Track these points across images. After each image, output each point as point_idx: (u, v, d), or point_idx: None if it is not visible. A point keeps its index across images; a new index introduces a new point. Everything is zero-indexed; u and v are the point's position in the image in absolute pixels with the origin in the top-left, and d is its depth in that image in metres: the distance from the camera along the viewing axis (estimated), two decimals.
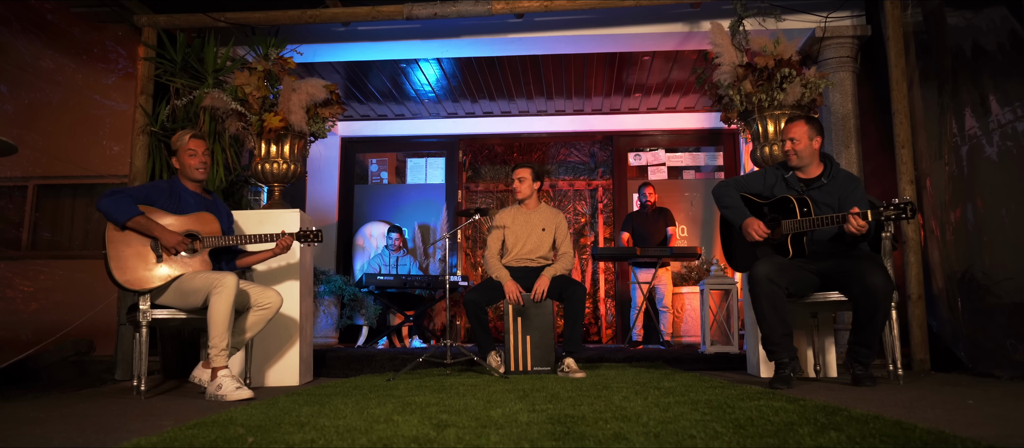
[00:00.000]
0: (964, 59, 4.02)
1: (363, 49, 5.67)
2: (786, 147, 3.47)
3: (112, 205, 3.29)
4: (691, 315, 7.03)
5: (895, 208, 2.92)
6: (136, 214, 3.32)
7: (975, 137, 3.86)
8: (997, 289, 3.71)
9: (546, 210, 4.54)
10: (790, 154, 3.46)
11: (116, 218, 3.29)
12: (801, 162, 3.45)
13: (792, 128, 3.47)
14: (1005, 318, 3.61)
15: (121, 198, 3.31)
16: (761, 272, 3.22)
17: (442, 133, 7.99)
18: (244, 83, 4.19)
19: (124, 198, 3.32)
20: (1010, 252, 3.62)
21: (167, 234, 3.34)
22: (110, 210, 3.29)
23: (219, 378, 3.18)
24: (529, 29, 5.36)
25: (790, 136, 3.45)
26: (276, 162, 4.29)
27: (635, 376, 3.76)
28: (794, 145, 3.43)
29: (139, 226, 3.33)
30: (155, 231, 3.34)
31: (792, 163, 3.47)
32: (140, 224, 3.32)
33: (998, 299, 3.69)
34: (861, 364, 3.19)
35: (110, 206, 3.29)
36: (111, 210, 3.29)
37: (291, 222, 4.14)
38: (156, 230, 3.34)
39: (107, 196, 3.31)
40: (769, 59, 4.05)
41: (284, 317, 4.05)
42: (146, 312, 3.38)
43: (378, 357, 4.83)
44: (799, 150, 3.43)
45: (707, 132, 7.82)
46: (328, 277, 6.82)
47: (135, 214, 3.31)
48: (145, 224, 3.33)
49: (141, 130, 4.81)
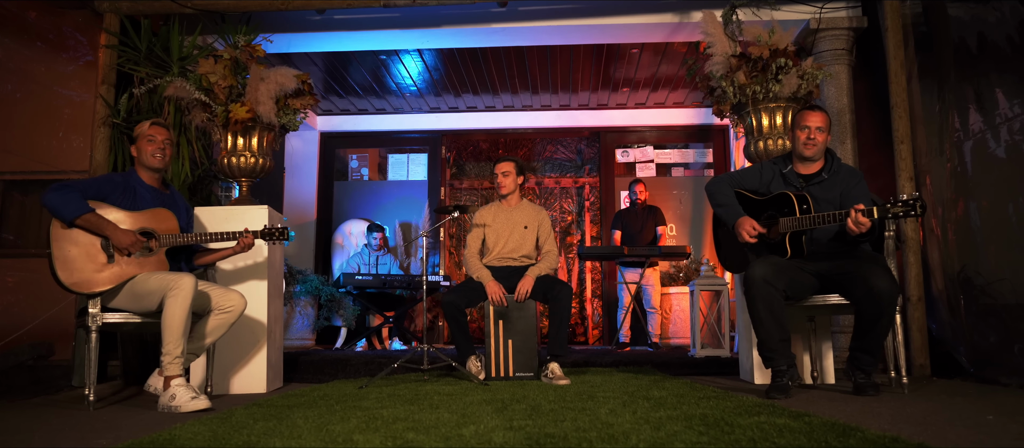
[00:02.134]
0: (968, 52, 3.84)
1: (341, 39, 5.41)
2: (807, 136, 3.17)
3: (58, 200, 3.01)
4: (680, 316, 6.84)
5: (903, 205, 2.71)
6: (85, 211, 3.05)
7: (980, 132, 3.67)
8: (1000, 289, 3.53)
9: (529, 207, 4.33)
10: (808, 145, 3.18)
11: (62, 215, 3.02)
12: (817, 154, 3.20)
13: (812, 116, 3.19)
14: (1011, 321, 3.43)
15: (69, 193, 3.04)
16: (757, 274, 3.01)
17: (424, 128, 7.74)
18: (209, 72, 3.94)
19: (72, 193, 3.05)
20: (1016, 251, 3.44)
21: (119, 233, 3.09)
22: (56, 206, 3.01)
23: (173, 387, 2.94)
24: (513, 18, 5.13)
25: (816, 125, 3.17)
26: (243, 155, 4.04)
27: (623, 383, 3.55)
28: (818, 134, 3.16)
29: (88, 224, 3.06)
30: (106, 230, 3.08)
31: (807, 154, 3.20)
32: (89, 222, 3.06)
33: (1001, 300, 3.51)
34: (863, 372, 2.99)
35: (56, 201, 3.01)
36: (57, 206, 3.01)
37: (258, 219, 3.89)
38: (107, 228, 3.08)
39: (54, 190, 3.03)
40: (764, 49, 3.85)
41: (251, 320, 3.81)
42: (96, 316, 3.13)
43: (353, 361, 4.59)
44: (820, 141, 3.19)
45: (696, 128, 7.62)
46: (305, 277, 6.56)
47: (84, 211, 3.05)
48: (95, 222, 3.06)
49: (102, 122, 4.54)
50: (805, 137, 3.19)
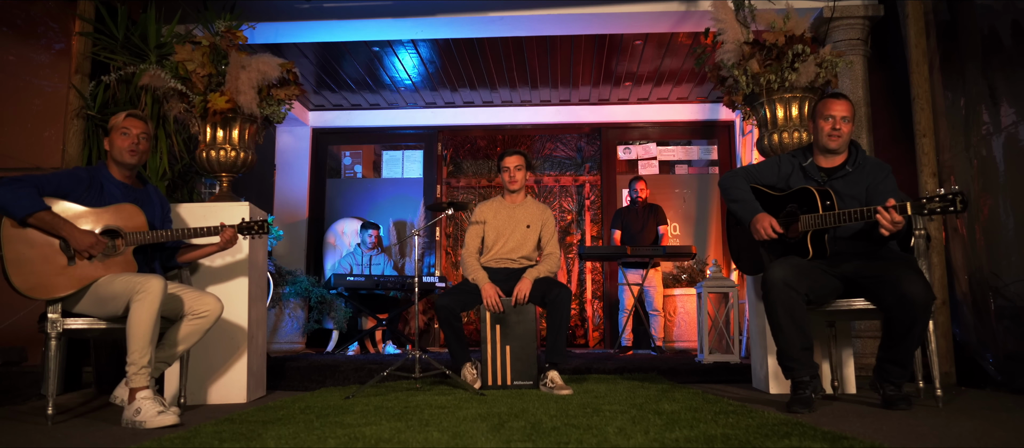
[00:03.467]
0: (998, 42, 3.59)
1: (332, 28, 5.16)
2: (832, 126, 2.95)
3: (9, 196, 2.73)
4: (684, 319, 6.58)
5: (941, 199, 2.46)
6: (39, 208, 2.77)
7: (1012, 126, 3.43)
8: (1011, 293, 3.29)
9: (533, 205, 4.07)
10: (833, 136, 2.95)
11: (13, 212, 2.74)
12: (841, 146, 2.97)
13: (837, 105, 2.95)
14: None
15: (21, 188, 2.75)
16: (777, 276, 2.76)
17: (420, 124, 7.48)
18: (186, 59, 3.68)
19: (26, 188, 2.77)
20: None
21: (78, 234, 2.81)
22: (6, 202, 2.73)
23: (138, 400, 2.68)
24: (512, 7, 4.89)
25: (841, 114, 2.93)
26: (223, 149, 3.78)
27: (629, 394, 3.30)
28: (843, 124, 2.93)
29: (42, 223, 2.79)
30: (63, 230, 2.80)
31: (832, 146, 2.96)
32: (43, 221, 2.78)
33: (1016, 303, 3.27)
34: (893, 384, 2.74)
35: (6, 197, 2.72)
36: (7, 202, 2.73)
37: (238, 215, 3.63)
38: (64, 229, 2.80)
39: (4, 185, 2.74)
40: (779, 35, 3.60)
41: (231, 325, 3.55)
42: (56, 322, 2.87)
43: (343, 367, 4.34)
44: (846, 132, 2.95)
45: (701, 124, 7.37)
46: (294, 278, 6.30)
47: (38, 208, 2.77)
48: (50, 221, 2.79)
49: (76, 113, 4.27)
50: (830, 127, 2.95)
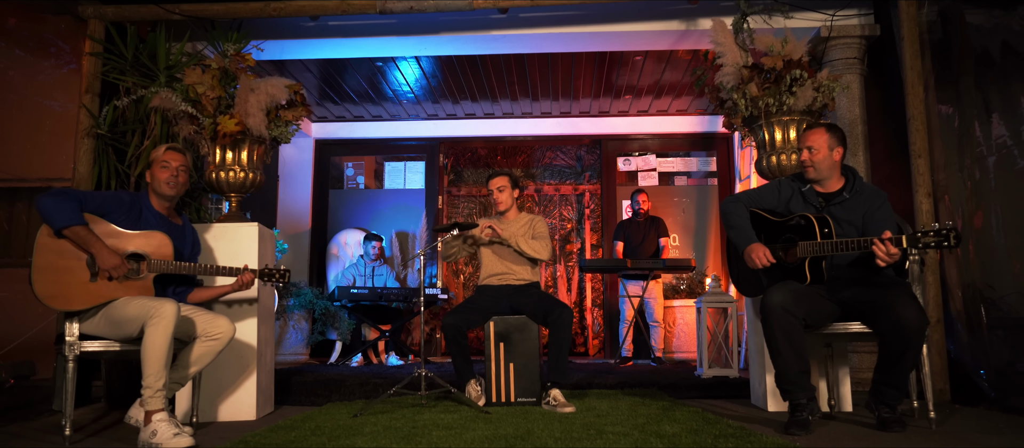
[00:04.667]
0: (991, 61, 3.68)
1: (336, 46, 5.23)
2: (803, 156, 3.12)
3: (53, 206, 2.84)
4: (683, 330, 6.67)
5: (936, 235, 2.54)
6: (77, 222, 2.88)
7: (1003, 142, 3.52)
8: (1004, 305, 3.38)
9: (524, 218, 4.16)
10: (807, 164, 3.10)
11: (53, 220, 2.85)
12: (818, 174, 3.10)
13: (810, 136, 3.11)
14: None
15: (65, 200, 2.87)
16: (776, 301, 2.84)
17: (422, 135, 7.55)
18: (196, 82, 3.75)
19: (69, 201, 2.88)
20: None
21: (106, 254, 2.90)
22: (49, 211, 2.85)
23: (154, 422, 2.75)
24: (513, 25, 4.96)
25: (808, 144, 3.10)
26: (232, 170, 3.85)
27: (630, 412, 3.37)
28: (812, 155, 3.07)
29: (77, 237, 2.89)
30: (93, 247, 2.90)
31: (809, 175, 3.12)
32: (78, 235, 2.88)
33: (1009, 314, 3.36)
34: (888, 406, 2.82)
35: (50, 206, 2.84)
36: (50, 211, 2.84)
37: (248, 236, 3.72)
38: (94, 246, 2.90)
39: (51, 195, 2.87)
40: (777, 60, 3.68)
41: (240, 343, 3.63)
42: (74, 344, 2.95)
43: (348, 382, 4.40)
44: (816, 160, 3.07)
45: (700, 136, 7.45)
46: (298, 290, 6.37)
47: (76, 222, 2.87)
48: (84, 236, 2.89)
49: (86, 133, 4.34)
50: (804, 157, 3.13)
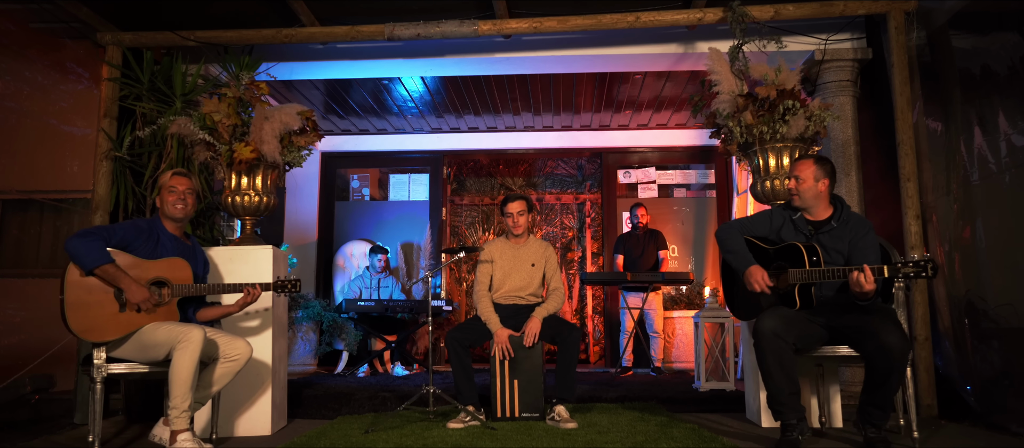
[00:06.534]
0: (973, 81, 3.87)
1: (343, 67, 5.39)
2: (789, 185, 3.30)
3: (82, 248, 3.01)
4: (682, 340, 6.83)
5: (914, 266, 2.70)
6: (105, 261, 3.04)
7: (983, 155, 3.71)
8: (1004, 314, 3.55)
9: (536, 244, 4.29)
10: (794, 193, 3.28)
11: (83, 262, 3.02)
12: (804, 203, 3.27)
13: (798, 166, 3.29)
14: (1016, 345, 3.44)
15: (92, 242, 3.04)
16: (767, 327, 3.00)
17: (426, 149, 7.72)
18: (213, 111, 3.91)
19: (95, 241, 3.05)
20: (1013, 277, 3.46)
21: (134, 288, 3.07)
22: (78, 253, 3.02)
23: (179, 442, 2.92)
24: (516, 48, 5.12)
25: (795, 174, 3.28)
26: (247, 194, 4.01)
27: (630, 429, 3.53)
28: (798, 185, 3.25)
29: (106, 275, 3.06)
30: (122, 282, 3.07)
31: (795, 203, 3.30)
32: (107, 273, 3.05)
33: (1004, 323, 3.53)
34: (874, 426, 2.98)
35: (79, 248, 3.01)
36: (79, 253, 3.01)
37: (262, 259, 3.87)
38: (123, 281, 3.07)
39: (78, 237, 3.04)
40: (771, 89, 3.83)
41: (256, 361, 3.78)
42: (101, 367, 3.11)
43: (357, 395, 4.56)
44: (802, 190, 3.25)
45: (698, 149, 7.61)
46: (306, 302, 6.53)
47: (104, 261, 3.04)
48: (112, 274, 3.06)
49: (104, 156, 4.51)
50: (790, 185, 3.32)
